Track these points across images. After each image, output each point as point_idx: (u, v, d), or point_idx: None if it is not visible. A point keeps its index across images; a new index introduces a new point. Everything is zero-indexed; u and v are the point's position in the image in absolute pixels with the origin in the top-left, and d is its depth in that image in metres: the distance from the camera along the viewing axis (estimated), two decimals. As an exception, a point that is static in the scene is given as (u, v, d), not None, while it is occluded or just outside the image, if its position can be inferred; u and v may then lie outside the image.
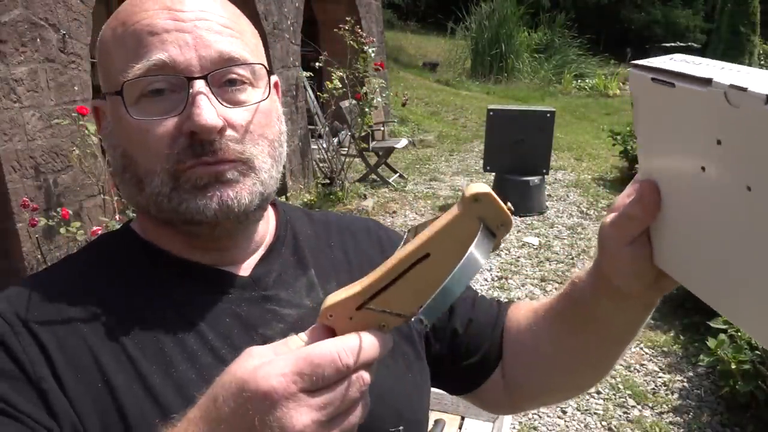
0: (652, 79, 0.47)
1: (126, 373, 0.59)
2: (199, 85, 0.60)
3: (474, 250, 0.44)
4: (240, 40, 0.64)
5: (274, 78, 0.69)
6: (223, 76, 0.62)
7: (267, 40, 5.62)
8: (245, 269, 0.70)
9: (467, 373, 0.83)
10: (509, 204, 0.47)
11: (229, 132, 0.62)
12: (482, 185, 0.47)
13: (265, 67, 0.66)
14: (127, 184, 0.65)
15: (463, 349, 0.82)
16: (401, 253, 0.47)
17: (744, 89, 0.38)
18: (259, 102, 0.64)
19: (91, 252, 0.71)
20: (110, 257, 0.69)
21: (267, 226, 0.75)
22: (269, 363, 0.44)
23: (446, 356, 0.82)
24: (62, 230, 3.31)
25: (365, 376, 0.46)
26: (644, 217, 0.55)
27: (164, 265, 0.68)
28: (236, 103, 0.63)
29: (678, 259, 0.54)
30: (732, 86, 0.39)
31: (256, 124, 0.64)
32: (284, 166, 0.71)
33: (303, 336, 0.49)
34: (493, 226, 0.47)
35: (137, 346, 0.61)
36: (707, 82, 0.41)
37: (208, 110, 0.59)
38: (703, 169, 0.45)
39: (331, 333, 0.48)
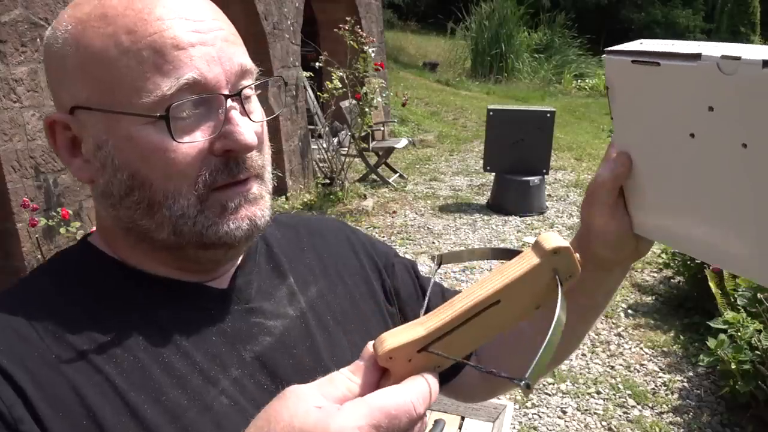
0: (633, 61, 0.52)
1: (113, 406, 0.54)
2: (232, 102, 0.58)
3: (560, 312, 0.44)
4: (244, 47, 0.63)
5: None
6: (246, 90, 0.61)
7: (267, 40, 5.62)
8: (223, 282, 0.67)
9: None
10: (578, 254, 0.48)
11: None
12: (559, 238, 0.47)
13: (259, 70, 0.66)
14: (128, 209, 0.59)
15: None
16: (472, 298, 0.46)
17: (737, 58, 0.43)
18: (274, 116, 0.64)
19: (53, 274, 0.63)
20: (79, 279, 0.62)
21: None
22: (339, 414, 0.40)
23: None
24: (62, 230, 3.31)
25: (425, 419, 0.45)
26: (614, 179, 0.60)
27: (142, 285, 0.63)
28: (253, 114, 0.62)
29: (661, 223, 0.60)
30: (724, 57, 0.44)
31: (265, 133, 0.65)
32: (284, 166, 0.71)
33: (349, 375, 0.45)
34: (563, 277, 0.47)
35: (122, 375, 0.56)
36: (696, 57, 0.46)
37: (247, 127, 0.58)
38: (692, 135, 0.50)
39: (381, 371, 0.46)
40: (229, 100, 0.58)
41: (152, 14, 0.55)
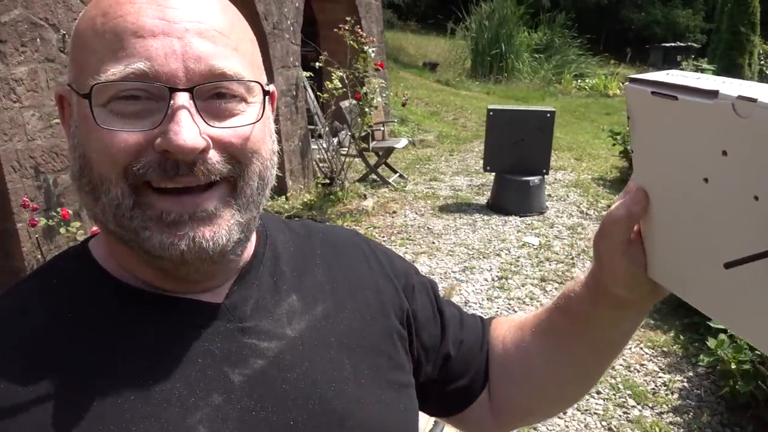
0: (653, 92, 0.48)
1: None
2: (183, 98, 0.52)
3: None
4: (236, 52, 0.56)
5: (271, 87, 0.62)
6: (211, 89, 0.54)
7: (267, 40, 5.62)
8: (219, 294, 0.62)
9: (455, 396, 0.79)
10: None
11: (213, 152, 0.54)
12: None
13: (261, 85, 0.59)
14: (83, 191, 0.57)
15: (453, 372, 0.78)
16: None
17: (754, 100, 0.38)
18: (253, 124, 0.57)
19: (40, 279, 0.61)
20: (64, 288, 0.60)
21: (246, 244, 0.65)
22: None
23: (435, 380, 0.78)
24: (62, 230, 3.31)
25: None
26: (628, 217, 0.55)
27: (124, 297, 0.59)
28: (224, 118, 0.55)
29: (673, 271, 0.55)
30: (741, 97, 0.39)
31: (248, 138, 0.57)
32: (284, 166, 0.69)
33: None
34: None
35: (92, 404, 0.52)
36: (713, 94, 0.42)
37: (189, 128, 0.52)
38: (705, 180, 0.45)
39: None
40: (180, 97, 0.52)
41: None
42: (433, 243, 5.15)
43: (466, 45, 16.86)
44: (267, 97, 0.60)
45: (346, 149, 6.59)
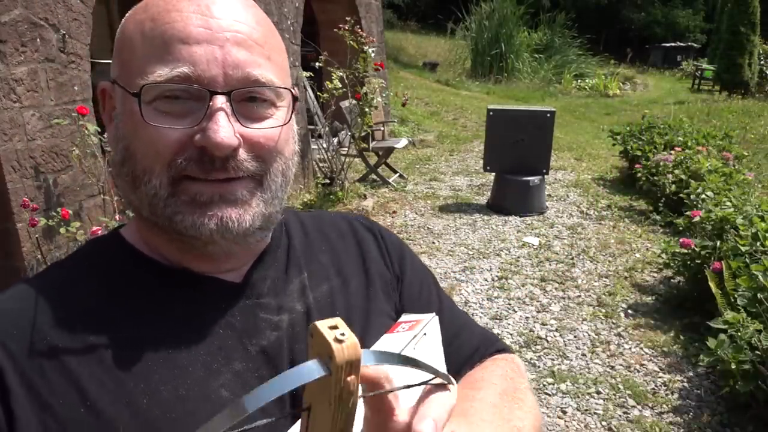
0: None
1: (111, 395, 0.57)
2: (220, 100, 0.59)
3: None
4: (269, 60, 0.63)
5: (295, 91, 0.68)
6: (245, 94, 0.61)
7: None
8: (239, 275, 0.69)
9: None
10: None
11: (243, 150, 0.61)
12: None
13: (290, 91, 0.65)
14: (123, 180, 0.63)
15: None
16: None
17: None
18: (280, 127, 0.64)
19: (77, 261, 0.68)
20: (97, 266, 0.66)
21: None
22: None
23: None
24: (62, 230, 3.31)
25: None
26: None
27: (154, 274, 0.65)
28: (256, 120, 0.62)
29: None
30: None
31: (275, 140, 0.63)
32: None
33: None
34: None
35: (123, 365, 0.58)
36: None
37: (226, 128, 0.58)
38: None
39: None
40: (218, 100, 0.59)
41: (176, 6, 0.60)
42: (433, 243, 5.15)
43: (466, 45, 16.87)
44: (294, 102, 0.66)
45: (346, 149, 6.59)
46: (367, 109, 6.10)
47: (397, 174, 7.21)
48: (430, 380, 0.50)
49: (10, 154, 3.14)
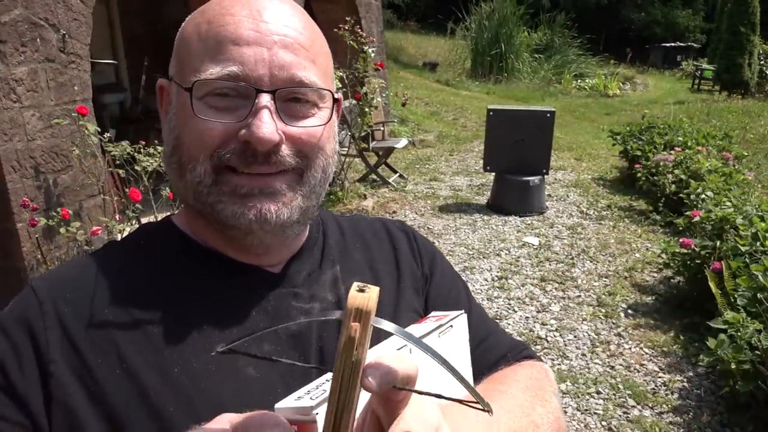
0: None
1: (146, 363, 0.62)
2: (266, 99, 0.62)
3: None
4: (313, 64, 0.66)
5: (338, 94, 0.71)
6: (290, 94, 0.64)
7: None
8: (278, 268, 0.73)
9: None
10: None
11: (285, 146, 0.64)
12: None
13: (332, 93, 0.68)
14: (171, 169, 0.68)
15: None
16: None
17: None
18: (322, 126, 0.67)
19: (131, 240, 0.74)
20: (148, 247, 0.72)
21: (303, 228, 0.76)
22: None
23: None
24: (62, 230, 3.31)
25: None
26: None
27: (198, 258, 0.70)
28: (299, 118, 0.65)
29: None
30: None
31: (317, 137, 0.67)
32: None
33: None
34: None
35: (160, 338, 0.63)
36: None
37: (269, 124, 0.62)
38: None
39: None
40: (264, 98, 0.62)
41: (230, 10, 0.65)
42: (433, 243, 5.15)
43: (465, 45, 16.88)
44: (335, 104, 0.70)
45: (346, 149, 6.59)
46: (367, 109, 6.10)
47: (397, 174, 7.21)
48: (466, 401, 0.46)
49: (10, 154, 3.14)
